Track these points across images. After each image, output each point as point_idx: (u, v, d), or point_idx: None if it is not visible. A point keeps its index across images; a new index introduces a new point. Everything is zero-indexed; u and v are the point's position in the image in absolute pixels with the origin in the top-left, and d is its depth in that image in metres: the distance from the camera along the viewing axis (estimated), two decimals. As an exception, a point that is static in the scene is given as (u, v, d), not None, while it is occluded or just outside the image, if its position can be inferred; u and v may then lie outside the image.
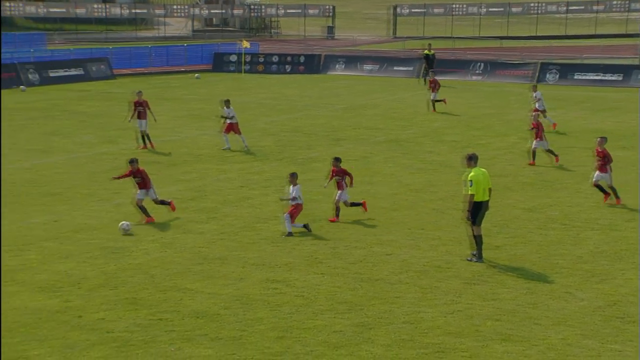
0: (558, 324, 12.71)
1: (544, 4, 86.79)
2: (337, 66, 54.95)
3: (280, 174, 23.06)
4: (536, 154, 24.71)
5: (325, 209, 19.46)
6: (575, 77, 47.92)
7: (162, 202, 18.82)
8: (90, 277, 14.66)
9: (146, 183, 18.46)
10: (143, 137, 27.04)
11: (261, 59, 56.01)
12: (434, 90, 36.11)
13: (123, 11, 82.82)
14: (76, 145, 27.82)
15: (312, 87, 46.78)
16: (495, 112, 36.21)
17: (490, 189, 15.88)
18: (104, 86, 45.91)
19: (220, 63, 55.68)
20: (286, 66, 55.20)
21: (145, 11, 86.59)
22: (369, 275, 14.96)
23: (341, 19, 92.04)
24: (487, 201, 15.74)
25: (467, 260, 15.76)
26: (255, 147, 27.52)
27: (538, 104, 30.69)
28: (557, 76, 48.15)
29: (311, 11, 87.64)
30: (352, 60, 55.39)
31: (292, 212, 17.64)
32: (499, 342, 12.01)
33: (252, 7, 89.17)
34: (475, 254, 15.90)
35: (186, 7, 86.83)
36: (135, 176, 18.48)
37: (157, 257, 15.87)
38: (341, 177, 18.70)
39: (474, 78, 49.99)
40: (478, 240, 15.76)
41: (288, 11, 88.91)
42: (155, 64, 54.81)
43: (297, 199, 17.71)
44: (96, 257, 15.81)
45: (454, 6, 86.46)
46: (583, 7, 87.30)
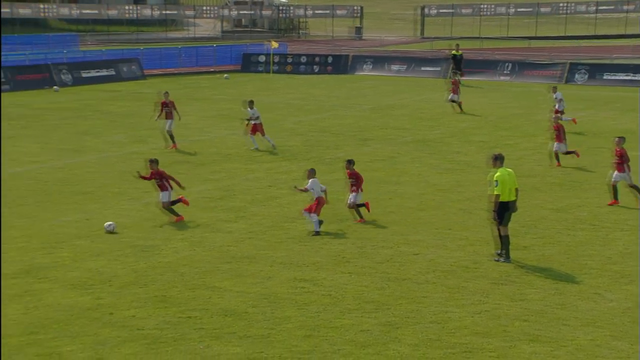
0: (587, 325, 12.67)
1: (573, 4, 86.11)
2: (364, 66, 54.97)
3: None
4: (559, 155, 24.59)
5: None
6: (605, 77, 47.54)
7: (172, 203, 18.56)
8: (121, 275, 14.84)
9: (165, 185, 18.44)
10: (170, 136, 27.28)
11: (289, 60, 56.18)
12: (455, 92, 36.03)
13: (154, 12, 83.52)
14: (107, 145, 28.12)
15: (340, 87, 46.83)
16: (523, 112, 36.03)
17: (517, 189, 15.84)
18: (134, 86, 46.32)
19: (248, 63, 55.94)
20: (314, 66, 55.32)
21: (176, 12, 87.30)
22: (396, 274, 14.99)
23: (369, 19, 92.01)
24: (513, 201, 15.71)
25: (495, 260, 15.74)
26: (283, 147, 27.64)
27: (558, 105, 30.50)
28: (586, 76, 47.79)
29: (339, 12, 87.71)
30: (380, 61, 55.39)
31: (312, 207, 17.70)
32: (526, 343, 11.99)
33: (281, 8, 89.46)
34: (500, 253, 15.90)
35: (216, 8, 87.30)
36: (155, 178, 18.46)
37: (186, 256, 16.01)
38: (355, 180, 18.69)
39: (502, 78, 49.76)
40: (505, 241, 15.74)
41: (316, 12, 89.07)
42: (185, 65, 55.17)
43: (312, 191, 17.75)
44: (127, 255, 15.99)
45: (482, 6, 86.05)
46: (613, 7, 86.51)
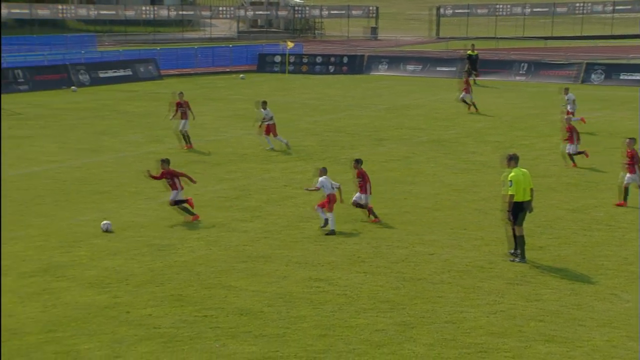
0: (603, 326, 12.65)
1: (589, 4, 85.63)
2: (380, 67, 54.94)
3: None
4: (572, 156, 24.56)
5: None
6: (621, 77, 47.29)
7: (176, 202, 18.60)
8: (137, 274, 14.94)
9: (176, 184, 18.50)
10: (184, 136, 27.40)
11: (305, 60, 56.21)
12: (467, 91, 36.02)
13: (170, 13, 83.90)
14: (124, 145, 28.28)
15: (355, 87, 46.84)
16: (539, 112, 35.90)
17: (532, 189, 15.84)
18: (151, 86, 46.51)
19: (264, 64, 56.03)
20: (329, 67, 55.35)
21: (192, 13, 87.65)
22: (411, 274, 15.02)
23: (384, 19, 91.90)
24: (528, 201, 15.70)
25: (510, 260, 15.74)
26: (298, 147, 27.70)
27: (570, 107, 30.39)
28: (603, 76, 47.56)
29: (355, 12, 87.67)
30: (395, 61, 55.33)
31: (324, 204, 17.79)
32: (542, 343, 11.99)
33: (297, 8, 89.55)
34: (514, 252, 15.91)
35: (232, 8, 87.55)
36: (165, 177, 18.54)
37: (202, 255, 16.10)
38: (362, 179, 18.72)
39: (518, 78, 49.59)
40: (520, 241, 15.74)
41: (332, 12, 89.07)
42: (201, 65, 55.30)
43: (323, 188, 17.84)
44: (143, 254, 16.09)
45: (497, 7, 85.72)
46: (630, 7, 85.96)
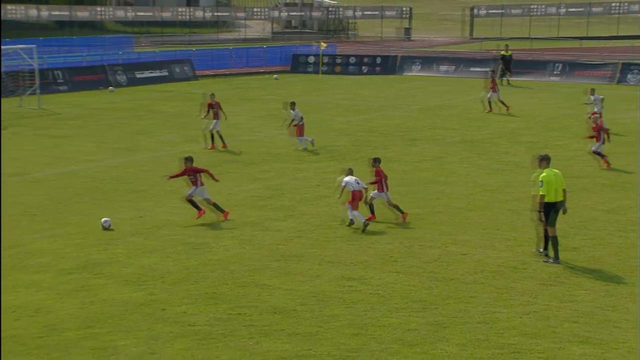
0: (638, 328, 12.57)
1: (626, 4, 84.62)
2: (413, 67, 54.85)
3: (356, 173, 23.22)
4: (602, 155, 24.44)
5: (401, 207, 19.56)
6: (658, 77, 46.77)
7: (215, 205, 18.75)
8: (173, 272, 15.09)
9: (197, 180, 18.60)
10: (212, 136, 27.57)
11: (338, 60, 56.31)
12: (494, 90, 35.89)
13: (206, 14, 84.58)
14: (160, 144, 28.54)
15: (388, 87, 46.82)
16: (573, 112, 35.56)
17: (564, 190, 15.78)
18: (186, 87, 46.88)
19: (298, 64, 56.22)
20: (363, 67, 55.39)
21: (227, 14, 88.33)
22: (443, 274, 15.03)
23: (418, 20, 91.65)
24: (560, 202, 15.65)
25: (544, 261, 15.70)
26: (331, 147, 27.79)
27: (597, 107, 30.16)
28: (639, 77, 47.04)
29: (388, 13, 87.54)
30: (428, 61, 55.21)
31: (350, 201, 17.92)
32: (576, 345, 11.92)
33: (330, 9, 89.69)
34: (543, 251, 15.92)
35: (266, 9, 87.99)
36: (188, 174, 18.71)
37: (236, 253, 16.23)
38: (379, 178, 18.80)
39: (552, 79, 49.23)
40: (553, 242, 15.69)
41: (365, 13, 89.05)
42: (236, 65, 55.63)
43: (348, 185, 17.96)
44: (178, 252, 16.26)
45: (532, 7, 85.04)
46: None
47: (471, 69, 52.38)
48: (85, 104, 39.09)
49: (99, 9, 79.71)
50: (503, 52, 48.06)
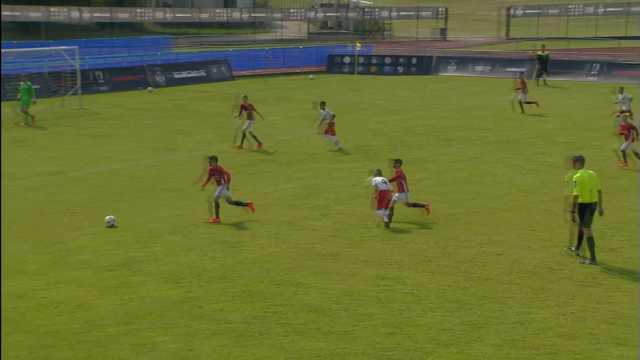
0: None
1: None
2: (448, 67, 54.68)
3: (390, 173, 23.26)
4: (626, 155, 24.27)
5: (435, 208, 19.59)
6: (698, 77, 46.07)
7: (237, 203, 18.85)
8: (210, 270, 15.27)
9: (221, 180, 18.71)
10: (243, 136, 27.71)
11: (374, 61, 56.31)
12: (523, 91, 35.69)
13: (243, 15, 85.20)
14: (197, 144, 28.76)
15: (424, 88, 46.74)
16: (611, 113, 35.20)
17: (599, 191, 15.72)
18: (223, 87, 47.17)
19: (333, 64, 56.34)
20: (398, 67, 55.33)
21: (264, 15, 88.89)
22: (479, 274, 15.03)
23: (453, 20, 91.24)
24: (595, 203, 15.61)
25: (580, 262, 15.63)
26: (367, 147, 27.86)
27: (625, 106, 29.87)
28: (679, 76, 46.42)
29: (424, 13, 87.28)
30: (464, 62, 55.00)
31: (380, 201, 18.05)
32: (614, 346, 11.86)
33: (366, 10, 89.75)
34: (574, 249, 15.95)
35: (302, 10, 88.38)
36: (214, 174, 18.83)
37: (272, 252, 16.37)
38: (400, 178, 18.86)
39: (589, 79, 48.76)
40: (590, 243, 15.62)
41: (401, 13, 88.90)
42: (272, 66, 55.87)
43: (377, 186, 18.10)
44: (215, 251, 16.43)
45: (569, 7, 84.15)
46: None
47: (507, 69, 52.04)
48: (125, 104, 39.60)
49: (138, 10, 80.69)
50: (539, 52, 47.73)
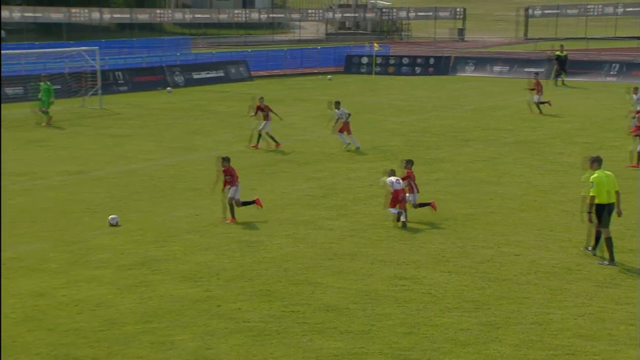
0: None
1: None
2: (466, 68, 54.59)
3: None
4: None
5: (453, 208, 19.62)
6: None
7: (245, 203, 18.86)
8: (228, 269, 15.34)
9: (234, 181, 18.75)
10: (259, 136, 27.77)
11: (391, 61, 56.33)
12: (538, 93, 35.59)
13: (261, 16, 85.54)
14: (215, 144, 28.86)
15: (442, 88, 46.68)
16: (626, 113, 35.01)
17: (617, 191, 15.68)
18: (242, 87, 47.33)
19: (351, 65, 56.40)
20: (416, 68, 55.30)
21: (282, 16, 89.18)
22: (496, 275, 15.02)
23: (471, 21, 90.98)
24: (612, 203, 15.59)
25: (599, 263, 15.59)
26: (384, 147, 27.88)
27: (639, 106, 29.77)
28: (700, 77, 46.16)
29: (442, 14, 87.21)
30: (482, 62, 54.89)
31: (394, 200, 18.20)
32: (634, 348, 11.81)
33: (384, 10, 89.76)
34: (590, 249, 15.94)
35: (320, 11, 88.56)
36: (225, 174, 18.86)
37: (290, 252, 16.43)
38: (411, 180, 18.93)
39: (609, 79, 48.53)
40: (608, 243, 15.58)
41: (419, 14, 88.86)
42: (290, 66, 56.00)
43: (391, 186, 18.21)
44: (233, 250, 16.50)
45: (588, 7, 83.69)
46: None
47: (525, 69, 51.89)
48: (144, 104, 39.84)
49: (158, 11, 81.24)
50: (558, 53, 47.57)
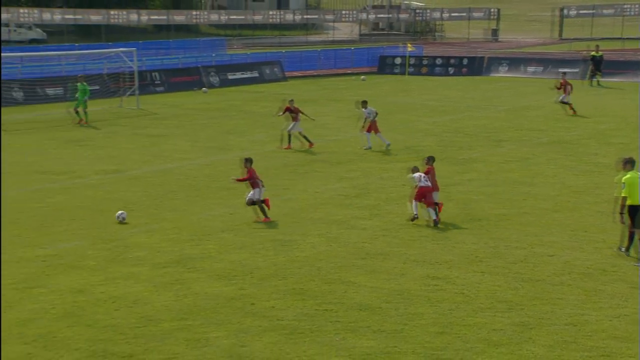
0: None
1: None
2: (500, 68, 54.34)
3: (440, 173, 23.12)
4: None
5: (486, 208, 19.60)
6: None
7: (253, 203, 18.81)
8: (262, 267, 15.46)
9: (256, 183, 18.84)
10: (289, 137, 27.90)
11: (425, 61, 56.31)
12: (565, 92, 35.36)
13: (296, 17, 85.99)
14: (250, 143, 29.07)
15: (475, 88, 46.51)
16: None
17: (649, 193, 15.62)
18: (276, 88, 47.62)
19: (384, 65, 56.47)
20: (449, 68, 55.17)
21: (316, 17, 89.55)
22: (530, 275, 14.98)
23: (505, 21, 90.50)
24: (645, 204, 15.54)
25: (634, 265, 15.48)
26: (417, 147, 27.87)
27: None
28: None
29: (475, 14, 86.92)
30: (516, 62, 54.61)
31: (418, 197, 18.30)
32: (669, 349, 11.76)
33: (418, 11, 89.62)
34: (623, 250, 15.86)
35: (354, 12, 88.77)
36: (249, 177, 18.84)
37: (323, 251, 16.51)
38: (430, 175, 18.95)
39: (645, 79, 48.04)
40: (643, 245, 15.52)
41: (452, 14, 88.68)
42: (324, 67, 56.22)
43: (416, 182, 18.30)
44: (267, 249, 16.62)
45: (625, 7, 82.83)
46: None
47: (560, 70, 51.48)
48: (180, 104, 40.23)
49: (194, 12, 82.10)
50: (593, 53, 47.20)
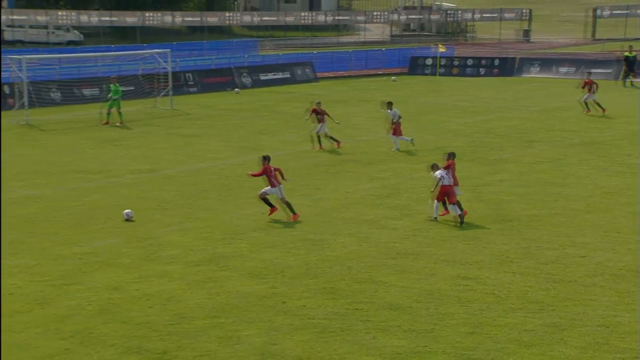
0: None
1: None
2: (531, 69, 53.99)
3: (471, 173, 23.28)
4: None
5: (517, 209, 19.55)
6: None
7: (287, 204, 18.99)
8: (293, 266, 15.58)
9: (272, 181, 18.93)
10: (319, 138, 27.96)
11: (456, 62, 56.14)
12: (590, 91, 35.13)
13: (327, 18, 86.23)
14: (281, 144, 29.25)
15: (506, 89, 46.28)
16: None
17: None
18: (307, 88, 47.78)
19: (416, 66, 56.39)
20: (480, 69, 54.96)
21: (348, 18, 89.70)
22: (561, 276, 14.93)
23: (537, 22, 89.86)
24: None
25: (666, 266, 15.41)
26: (448, 148, 27.65)
27: None
28: None
29: (507, 15, 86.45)
30: (548, 63, 54.23)
31: (440, 195, 18.36)
32: (703, 352, 11.67)
33: (449, 12, 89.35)
34: None
35: (386, 13, 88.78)
36: (267, 174, 18.99)
37: (353, 250, 16.59)
38: (450, 170, 18.94)
39: (681, 80, 47.49)
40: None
41: (484, 15, 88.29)
42: (355, 68, 56.26)
43: (442, 180, 18.28)
44: (298, 248, 16.74)
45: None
46: None
47: (592, 70, 51.03)
48: (213, 104, 40.53)
49: (227, 14, 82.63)
50: (627, 53, 46.76)
